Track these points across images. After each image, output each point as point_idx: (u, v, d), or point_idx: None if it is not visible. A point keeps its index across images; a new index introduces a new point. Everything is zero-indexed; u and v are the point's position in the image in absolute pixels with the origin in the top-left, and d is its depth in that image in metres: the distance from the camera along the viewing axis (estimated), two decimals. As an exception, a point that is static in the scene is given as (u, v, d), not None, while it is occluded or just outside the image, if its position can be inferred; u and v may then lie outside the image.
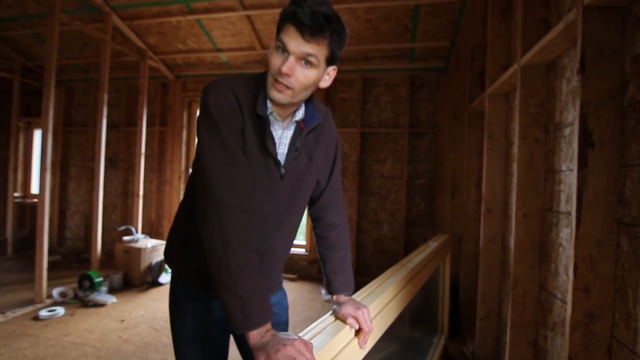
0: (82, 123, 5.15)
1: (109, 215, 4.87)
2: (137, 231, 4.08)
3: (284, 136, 0.88)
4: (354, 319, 0.84)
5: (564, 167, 1.44)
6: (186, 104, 4.80)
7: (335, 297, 0.93)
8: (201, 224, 0.77)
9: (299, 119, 0.88)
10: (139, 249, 3.68)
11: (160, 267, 3.76)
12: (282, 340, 0.67)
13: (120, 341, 2.49)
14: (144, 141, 4.24)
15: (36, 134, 5.48)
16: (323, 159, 0.95)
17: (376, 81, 4.20)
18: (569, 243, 1.35)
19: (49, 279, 3.11)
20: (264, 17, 3.60)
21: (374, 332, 0.92)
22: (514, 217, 1.66)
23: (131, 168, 4.74)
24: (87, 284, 3.26)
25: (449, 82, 3.87)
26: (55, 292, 3.16)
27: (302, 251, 4.40)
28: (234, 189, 0.76)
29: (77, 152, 5.19)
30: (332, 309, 0.91)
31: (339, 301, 0.91)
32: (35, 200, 4.98)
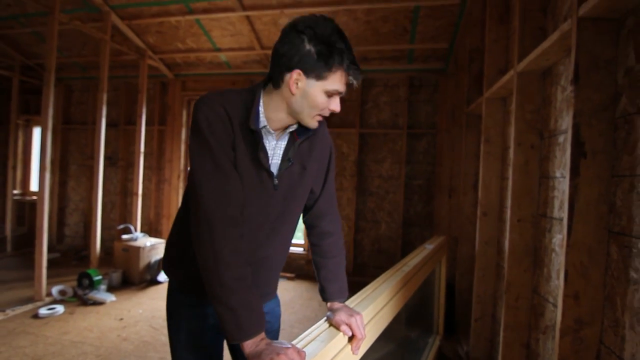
0: (81, 121, 5.16)
1: (107, 214, 4.88)
2: (136, 230, 4.09)
3: (277, 147, 0.89)
4: (347, 325, 0.86)
5: (557, 174, 1.45)
6: (185, 102, 4.80)
7: (329, 304, 0.95)
8: (194, 238, 0.79)
9: (292, 130, 0.89)
10: (137, 248, 3.70)
11: (159, 265, 3.78)
12: (276, 348, 0.69)
13: (119, 340, 2.51)
14: (143, 140, 4.25)
15: (35, 132, 5.48)
16: (317, 167, 0.96)
17: (375, 82, 4.21)
18: (561, 249, 1.37)
19: (48, 276, 3.13)
20: (263, 17, 3.60)
21: (367, 337, 0.94)
22: (509, 221, 1.68)
23: (130, 167, 4.75)
24: (87, 282, 3.28)
25: (447, 83, 3.88)
26: (55, 290, 3.19)
27: (300, 250, 4.42)
28: (225, 204, 0.78)
29: (76, 150, 5.20)
30: (326, 315, 0.93)
31: (333, 308, 0.93)
32: (35, 198, 4.99)
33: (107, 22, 3.60)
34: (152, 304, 3.19)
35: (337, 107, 0.85)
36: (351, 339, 0.87)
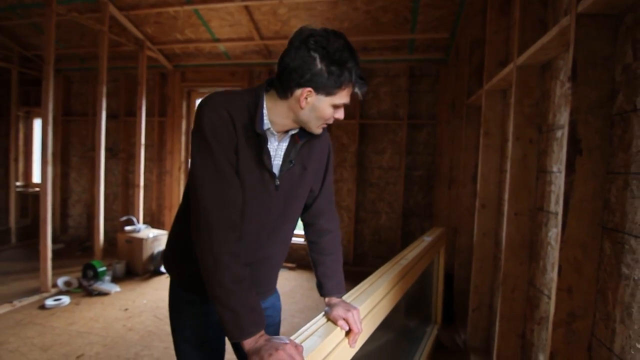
0: (81, 112, 5.15)
1: (110, 205, 4.93)
2: (138, 221, 4.14)
3: (279, 148, 0.91)
4: (345, 320, 0.89)
5: (555, 169, 1.46)
6: (185, 93, 4.79)
7: (327, 300, 0.98)
8: (194, 239, 0.81)
9: (294, 133, 0.91)
10: (140, 239, 3.75)
11: (162, 256, 3.83)
12: (275, 344, 0.72)
13: (125, 330, 2.57)
14: (143, 132, 4.25)
15: (36, 123, 5.49)
16: (316, 167, 0.98)
17: (375, 72, 4.18)
18: (556, 243, 1.39)
19: (53, 267, 3.18)
20: (262, 7, 3.56)
21: (364, 330, 0.98)
22: (506, 214, 1.70)
23: (131, 158, 4.77)
24: (91, 273, 3.33)
25: (448, 73, 3.85)
26: (60, 281, 3.24)
27: (301, 240, 4.46)
28: (224, 208, 0.80)
29: (77, 142, 5.22)
30: (324, 310, 0.96)
31: (331, 303, 0.96)
32: (37, 190, 5.03)
33: (105, 13, 3.56)
34: (155, 295, 3.26)
35: (342, 116, 0.89)
36: (348, 333, 0.90)
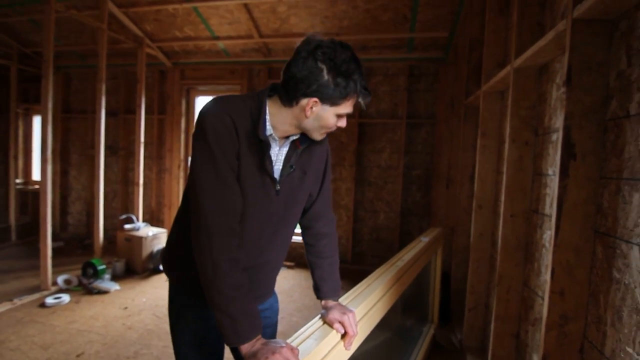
0: (80, 110, 5.15)
1: (109, 202, 4.94)
2: (138, 219, 4.15)
3: (280, 153, 0.92)
4: (340, 323, 0.90)
5: (550, 172, 1.48)
6: (184, 91, 4.78)
7: (323, 302, 1.00)
8: (194, 244, 0.82)
9: (295, 139, 0.92)
10: (140, 238, 3.76)
11: (161, 254, 3.85)
12: (271, 348, 0.74)
13: (124, 328, 2.60)
14: (142, 129, 4.25)
15: (35, 120, 5.48)
16: (315, 172, 1.00)
17: (374, 71, 4.18)
18: (550, 245, 1.40)
19: (53, 265, 3.20)
20: (261, 5, 3.55)
21: (360, 333, 0.99)
22: (502, 216, 1.72)
23: (131, 156, 4.78)
24: (91, 271, 3.35)
25: (447, 72, 3.86)
26: (60, 279, 3.26)
27: (299, 239, 4.47)
28: (224, 215, 0.81)
29: (77, 139, 5.22)
30: (321, 313, 0.97)
31: (327, 306, 0.97)
32: (37, 187, 5.04)
33: (104, 10, 3.55)
34: (155, 293, 3.28)
35: (344, 125, 0.92)
36: (344, 336, 0.92)
